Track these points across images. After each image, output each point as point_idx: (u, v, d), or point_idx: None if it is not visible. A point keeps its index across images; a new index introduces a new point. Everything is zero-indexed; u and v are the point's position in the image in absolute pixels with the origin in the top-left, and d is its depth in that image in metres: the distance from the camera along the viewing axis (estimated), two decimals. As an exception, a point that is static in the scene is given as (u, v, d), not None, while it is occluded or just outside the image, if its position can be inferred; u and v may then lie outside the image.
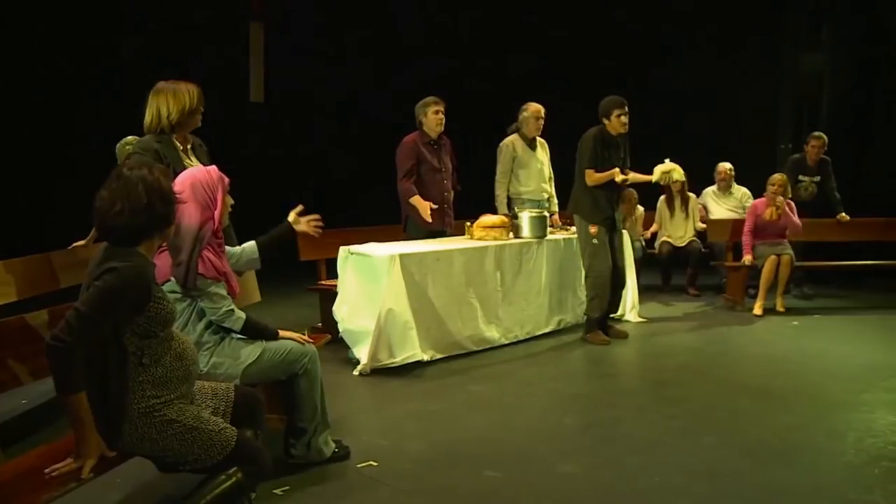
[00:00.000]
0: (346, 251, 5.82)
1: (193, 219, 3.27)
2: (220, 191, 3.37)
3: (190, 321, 3.33)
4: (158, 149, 3.86)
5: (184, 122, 3.94)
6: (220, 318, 3.35)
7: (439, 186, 6.58)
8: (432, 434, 4.28)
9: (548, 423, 4.49)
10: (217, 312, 3.33)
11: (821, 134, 8.59)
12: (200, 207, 3.30)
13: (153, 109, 3.90)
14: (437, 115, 6.49)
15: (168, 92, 3.90)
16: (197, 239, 3.26)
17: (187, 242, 3.24)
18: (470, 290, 6.03)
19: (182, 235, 3.23)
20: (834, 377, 5.39)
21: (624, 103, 6.30)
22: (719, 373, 5.59)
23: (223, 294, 3.35)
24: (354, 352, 5.63)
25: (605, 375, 5.75)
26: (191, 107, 3.93)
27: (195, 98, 3.95)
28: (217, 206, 3.35)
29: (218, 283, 3.32)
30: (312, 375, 3.58)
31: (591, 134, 6.39)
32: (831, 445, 4.08)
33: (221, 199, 3.38)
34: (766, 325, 7.17)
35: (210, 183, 3.35)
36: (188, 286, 3.26)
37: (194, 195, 3.29)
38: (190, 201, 3.26)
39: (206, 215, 3.31)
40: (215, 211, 3.35)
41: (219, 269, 3.33)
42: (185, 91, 3.92)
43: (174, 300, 3.18)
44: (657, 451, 4.01)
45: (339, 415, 4.42)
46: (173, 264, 3.27)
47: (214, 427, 2.73)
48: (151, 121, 3.91)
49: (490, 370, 5.68)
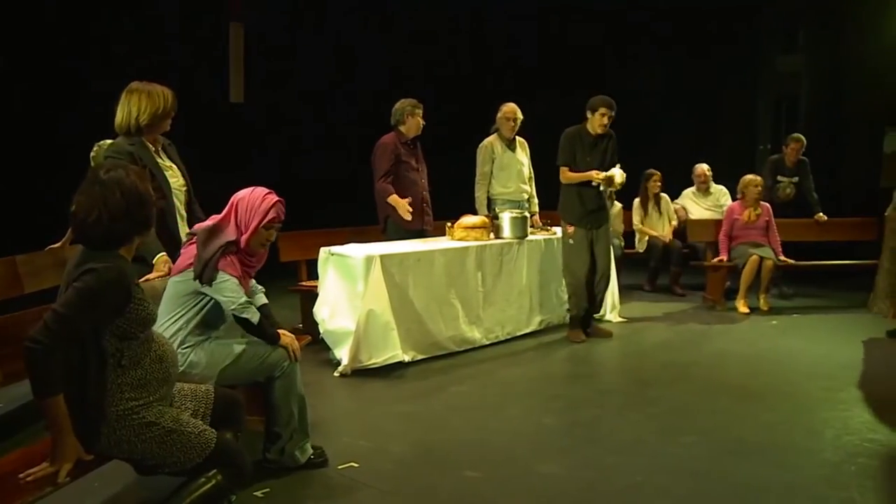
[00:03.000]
0: (327, 252, 5.80)
1: (230, 231, 3.39)
2: (257, 220, 3.42)
3: (188, 314, 3.38)
4: (133, 151, 3.84)
5: (154, 125, 3.92)
6: (238, 309, 3.36)
7: (417, 186, 6.58)
8: (413, 435, 4.28)
9: (529, 424, 4.50)
10: (235, 302, 3.35)
11: (800, 136, 8.66)
12: (236, 224, 3.41)
13: (125, 109, 3.88)
14: (418, 118, 6.49)
15: (142, 93, 3.88)
16: (224, 246, 3.35)
17: (215, 245, 3.34)
18: (451, 291, 6.03)
19: (215, 238, 3.35)
20: (812, 376, 5.44)
21: (611, 105, 6.32)
22: (699, 372, 5.62)
23: (238, 286, 3.39)
24: (335, 353, 5.61)
25: (585, 375, 5.77)
26: (164, 110, 3.91)
27: (168, 102, 3.93)
28: (248, 231, 3.41)
29: (233, 278, 3.36)
30: (289, 381, 3.55)
31: (568, 132, 6.44)
32: (809, 443, 4.13)
33: (255, 228, 3.42)
34: (746, 324, 7.22)
35: (254, 208, 3.43)
36: (202, 280, 3.31)
37: (236, 211, 3.42)
38: (231, 215, 3.41)
39: (236, 233, 3.40)
40: (245, 235, 3.41)
41: (236, 272, 3.39)
42: (159, 93, 3.90)
43: (184, 291, 3.32)
44: (638, 451, 4.03)
45: (319, 416, 4.42)
46: (196, 257, 3.34)
47: (194, 429, 2.71)
48: (122, 120, 3.90)
49: (471, 371, 5.68)
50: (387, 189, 6.42)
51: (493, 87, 10.54)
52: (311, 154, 11.08)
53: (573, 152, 6.41)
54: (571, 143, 6.40)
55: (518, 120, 6.98)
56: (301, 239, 6.73)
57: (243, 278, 3.45)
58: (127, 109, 3.90)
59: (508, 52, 11.81)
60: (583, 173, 6.38)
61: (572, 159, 6.41)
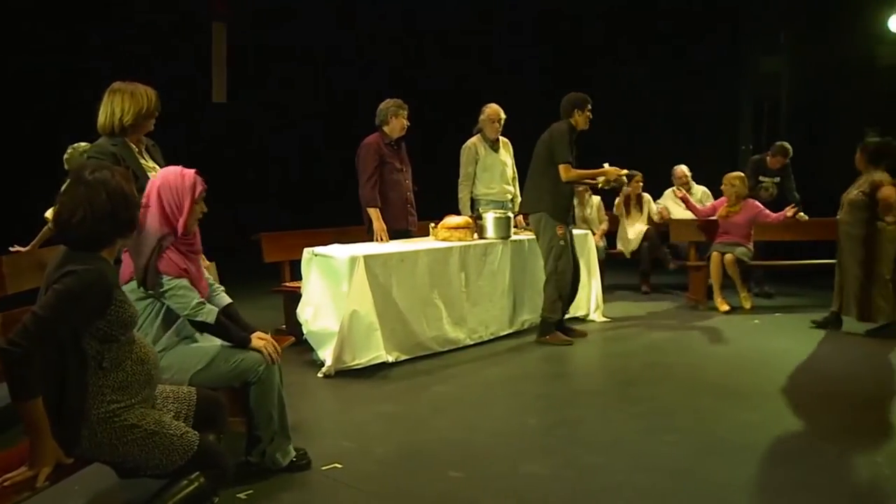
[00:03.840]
0: (310, 253, 5.79)
1: (155, 223, 3.24)
2: (188, 198, 3.30)
3: (146, 322, 3.29)
4: (116, 152, 3.81)
5: (137, 125, 3.89)
6: (192, 314, 3.27)
7: (402, 187, 6.59)
8: (397, 435, 4.28)
9: (512, 424, 4.51)
10: (187, 307, 3.27)
11: (785, 146, 8.61)
12: (164, 213, 3.26)
13: (108, 109, 3.85)
14: (403, 119, 6.49)
15: (125, 93, 3.85)
16: (158, 243, 3.23)
17: (147, 246, 3.21)
18: (434, 291, 6.03)
19: (143, 239, 3.20)
20: (793, 375, 5.49)
21: (590, 101, 6.33)
22: (682, 372, 5.65)
23: (189, 287, 3.29)
24: (319, 353, 5.60)
25: (568, 375, 5.79)
26: (147, 110, 3.89)
27: (152, 102, 3.91)
28: (183, 213, 3.29)
29: (181, 279, 3.26)
30: (267, 385, 3.47)
31: (564, 128, 6.29)
32: (790, 443, 4.16)
33: (189, 206, 3.30)
34: (728, 323, 7.26)
35: (179, 188, 3.30)
36: (147, 287, 3.22)
37: (160, 199, 3.26)
38: (155, 205, 3.23)
39: (169, 221, 3.27)
40: (180, 218, 3.29)
41: (181, 266, 3.29)
42: (142, 94, 3.88)
43: (136, 299, 3.15)
44: (620, 451, 4.04)
45: (303, 417, 4.42)
46: (134, 266, 3.23)
47: (176, 431, 2.70)
48: (105, 121, 3.86)
49: (455, 371, 5.69)
50: (373, 199, 6.40)
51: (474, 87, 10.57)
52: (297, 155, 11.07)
53: (571, 149, 6.31)
54: (570, 140, 6.30)
55: (501, 121, 7.01)
56: (284, 239, 6.72)
57: (191, 265, 3.35)
58: (110, 110, 3.87)
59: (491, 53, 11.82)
60: (592, 170, 6.37)
61: (571, 156, 6.30)
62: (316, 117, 11.45)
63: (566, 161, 6.23)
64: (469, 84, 11.12)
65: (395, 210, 6.52)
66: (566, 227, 6.43)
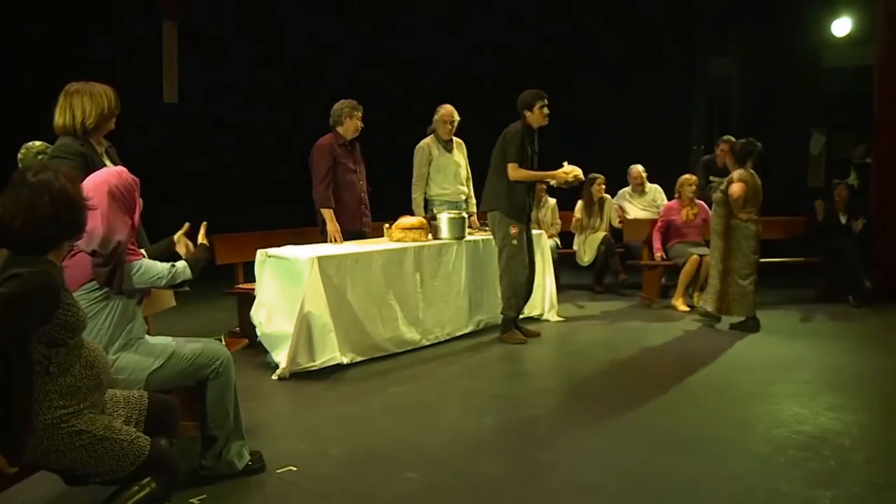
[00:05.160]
0: (264, 254, 5.74)
1: (119, 223, 3.21)
2: (137, 192, 3.33)
3: (100, 325, 3.23)
4: (85, 152, 3.74)
5: (101, 125, 3.82)
6: (170, 279, 3.32)
7: (356, 188, 6.58)
8: (352, 437, 4.26)
9: (467, 424, 4.53)
10: (164, 276, 3.31)
11: (730, 138, 8.85)
12: (123, 213, 3.25)
13: (67, 112, 3.76)
14: (355, 121, 6.47)
15: (84, 94, 3.76)
16: (125, 243, 3.21)
17: (117, 251, 3.18)
18: (389, 292, 6.03)
19: (107, 241, 3.16)
20: (744, 371, 5.60)
21: (545, 95, 6.35)
22: (635, 369, 5.73)
23: (150, 262, 3.32)
24: (273, 356, 5.56)
25: (523, 375, 5.83)
26: (109, 110, 3.81)
27: (112, 101, 3.83)
28: (137, 208, 3.32)
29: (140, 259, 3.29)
30: (224, 380, 3.47)
31: (515, 128, 6.38)
32: (741, 437, 4.24)
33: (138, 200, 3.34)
34: (681, 322, 7.37)
35: (128, 186, 3.30)
36: (114, 289, 3.19)
37: (114, 201, 3.23)
38: (111, 208, 3.20)
39: (127, 219, 3.26)
40: (136, 214, 3.31)
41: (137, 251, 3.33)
42: (102, 93, 3.79)
43: (89, 302, 3.11)
44: (575, 449, 4.09)
45: (257, 420, 4.38)
46: (99, 268, 3.17)
47: (126, 437, 2.66)
48: (66, 122, 3.77)
49: (410, 372, 5.69)
50: (326, 199, 6.39)
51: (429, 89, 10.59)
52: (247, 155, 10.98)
53: (524, 149, 6.38)
54: (521, 140, 6.36)
55: (455, 122, 7.03)
56: (237, 241, 6.66)
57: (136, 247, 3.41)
58: (70, 112, 3.77)
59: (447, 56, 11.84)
60: (543, 172, 6.42)
61: (521, 157, 6.37)
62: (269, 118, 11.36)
63: (513, 160, 6.32)
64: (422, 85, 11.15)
65: (349, 211, 6.50)
66: (522, 227, 6.48)
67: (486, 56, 11.69)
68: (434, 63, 11.55)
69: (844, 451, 4.01)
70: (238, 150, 11.20)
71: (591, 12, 11.32)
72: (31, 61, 8.83)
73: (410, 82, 11.60)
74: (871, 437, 4.28)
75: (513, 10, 11.42)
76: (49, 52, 8.72)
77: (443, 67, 11.58)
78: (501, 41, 11.57)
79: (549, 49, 11.62)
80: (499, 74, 11.48)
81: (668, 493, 3.53)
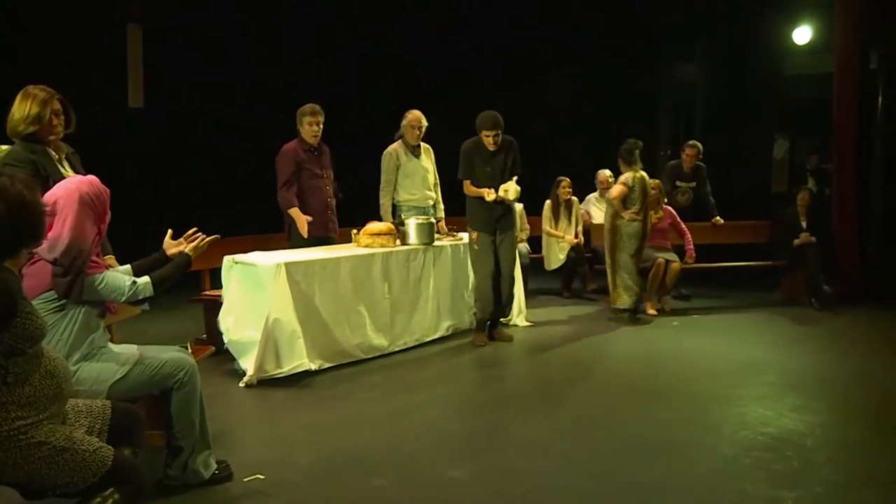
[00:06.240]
0: (231, 260, 5.69)
1: (86, 233, 3.16)
2: (107, 199, 3.30)
3: (60, 334, 3.18)
4: (35, 160, 3.68)
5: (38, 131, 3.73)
6: (131, 296, 3.28)
7: (321, 193, 6.52)
8: (321, 444, 4.23)
9: (436, 429, 4.52)
10: (124, 292, 3.27)
11: (695, 143, 8.97)
12: (91, 221, 3.20)
13: (11, 115, 3.71)
14: (311, 126, 6.40)
15: (28, 98, 3.70)
16: (89, 253, 3.16)
17: (80, 259, 3.12)
18: (357, 298, 6.00)
19: (71, 251, 3.11)
20: (711, 374, 5.65)
21: (494, 124, 6.37)
22: (603, 374, 5.75)
23: (113, 275, 3.28)
24: (240, 363, 5.50)
25: (493, 379, 5.83)
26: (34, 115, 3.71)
27: (44, 105, 3.72)
28: (107, 214, 3.28)
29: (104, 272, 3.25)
30: (189, 390, 3.43)
31: (465, 145, 6.59)
32: (708, 439, 4.28)
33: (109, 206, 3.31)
34: (648, 326, 7.41)
35: (98, 195, 3.26)
36: (72, 299, 3.13)
37: (85, 208, 3.18)
38: (80, 215, 3.15)
39: (95, 229, 3.22)
40: (103, 224, 3.28)
41: (99, 263, 3.28)
42: (32, 98, 3.71)
43: (49, 310, 3.05)
44: (544, 453, 4.09)
45: (224, 427, 4.33)
46: (58, 278, 3.11)
47: (88, 447, 2.60)
48: (10, 126, 3.72)
49: (379, 378, 5.66)
50: (289, 200, 6.35)
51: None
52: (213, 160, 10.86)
53: (472, 165, 6.54)
54: (469, 157, 6.54)
55: (423, 127, 7.01)
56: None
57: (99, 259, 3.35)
58: (12, 115, 3.72)
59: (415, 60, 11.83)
60: (478, 190, 6.48)
61: (471, 172, 6.54)
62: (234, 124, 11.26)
63: (463, 177, 6.58)
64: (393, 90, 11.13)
65: (315, 216, 6.43)
66: (486, 234, 6.54)
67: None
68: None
69: (807, 452, 4.08)
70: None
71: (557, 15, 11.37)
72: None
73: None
74: (832, 437, 4.35)
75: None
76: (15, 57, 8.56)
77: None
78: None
79: (514, 53, 11.67)
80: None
81: (638, 496, 3.54)
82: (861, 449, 4.22)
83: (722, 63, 11.35)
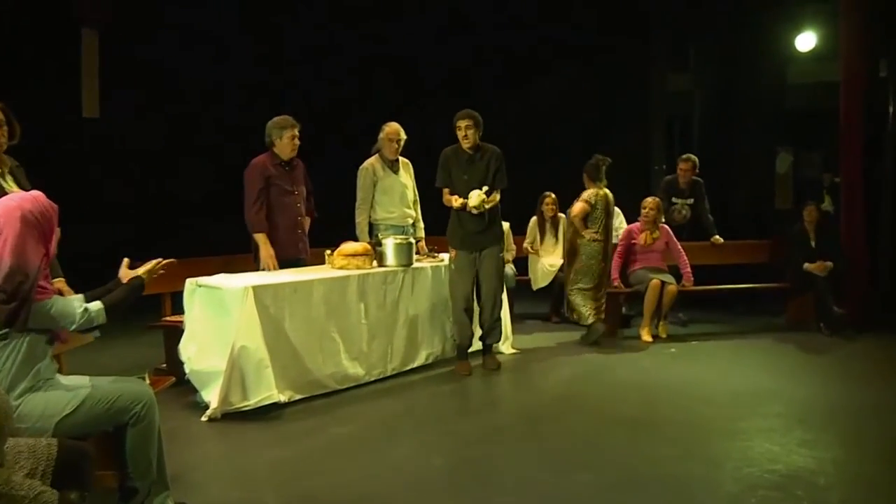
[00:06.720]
0: (194, 283, 5.64)
1: (30, 255, 3.09)
2: (55, 218, 3.24)
3: (2, 366, 3.10)
4: None
5: None
6: (82, 323, 3.23)
7: (292, 210, 6.46)
8: (289, 483, 4.18)
9: (415, 465, 4.47)
10: (75, 319, 3.22)
11: (689, 156, 8.95)
12: (36, 242, 3.13)
13: None
14: (293, 140, 6.36)
15: None
16: (35, 277, 3.09)
17: (25, 284, 3.05)
18: (331, 324, 5.95)
19: (15, 275, 3.03)
20: (711, 404, 5.61)
21: (466, 116, 6.44)
22: (595, 404, 5.71)
23: (64, 300, 3.25)
24: (203, 395, 5.45)
25: (476, 411, 5.79)
26: None
27: None
28: (53, 235, 3.22)
29: (53, 297, 3.20)
30: (146, 425, 3.36)
31: (443, 151, 6.64)
32: (710, 475, 4.24)
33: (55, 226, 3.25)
34: (642, 353, 7.40)
35: (44, 212, 3.19)
36: (17, 327, 3.06)
37: (28, 228, 3.11)
38: (23, 236, 3.08)
39: (41, 250, 3.16)
40: (50, 245, 3.22)
41: (48, 287, 3.23)
42: None
43: None
44: (530, 491, 4.04)
45: (184, 466, 4.27)
46: (1, 305, 3.04)
47: (29, 492, 2.53)
48: None
49: (354, 410, 5.61)
50: (259, 223, 6.29)
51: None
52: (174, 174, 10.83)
53: (448, 173, 6.55)
54: (445, 164, 6.56)
55: (401, 140, 7.00)
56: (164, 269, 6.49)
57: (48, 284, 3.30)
58: None
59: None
60: (450, 198, 6.50)
61: (448, 180, 6.54)
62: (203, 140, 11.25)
63: (440, 185, 6.64)
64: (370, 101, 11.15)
65: (283, 236, 6.38)
66: (464, 252, 6.55)
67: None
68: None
69: (819, 491, 4.02)
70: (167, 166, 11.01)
71: (543, 24, 11.47)
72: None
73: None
74: (846, 475, 4.30)
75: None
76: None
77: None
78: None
79: (499, 64, 11.76)
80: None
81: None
82: (877, 487, 4.16)
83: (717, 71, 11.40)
